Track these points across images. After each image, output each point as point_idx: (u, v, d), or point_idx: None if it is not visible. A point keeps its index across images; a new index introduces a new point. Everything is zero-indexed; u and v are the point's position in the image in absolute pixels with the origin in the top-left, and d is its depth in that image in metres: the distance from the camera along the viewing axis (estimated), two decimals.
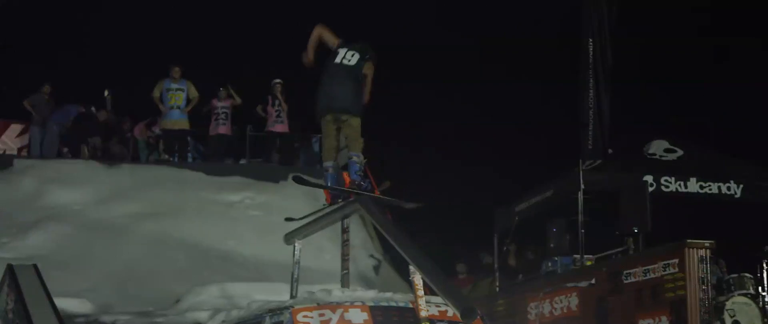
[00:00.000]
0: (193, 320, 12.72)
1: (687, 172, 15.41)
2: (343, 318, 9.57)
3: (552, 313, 13.03)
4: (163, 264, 16.50)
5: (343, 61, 10.84)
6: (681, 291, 10.84)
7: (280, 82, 21.31)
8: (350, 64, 10.87)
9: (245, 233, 17.98)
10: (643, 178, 14.96)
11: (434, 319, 9.70)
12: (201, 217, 18.24)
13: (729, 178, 15.49)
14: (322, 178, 20.44)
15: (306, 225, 11.83)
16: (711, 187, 15.38)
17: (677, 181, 15.33)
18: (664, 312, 11.02)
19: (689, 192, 15.38)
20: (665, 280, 11.07)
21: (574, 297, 12.58)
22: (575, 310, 12.55)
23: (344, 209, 11.23)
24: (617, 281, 11.84)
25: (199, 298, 13.98)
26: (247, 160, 22.10)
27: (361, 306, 9.75)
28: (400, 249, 9.59)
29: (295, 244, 11.59)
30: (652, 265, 11.31)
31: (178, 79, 20.75)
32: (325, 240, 15.90)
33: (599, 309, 12.07)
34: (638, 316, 11.39)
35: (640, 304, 11.41)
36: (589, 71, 14.91)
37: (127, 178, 19.56)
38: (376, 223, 10.81)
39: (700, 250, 10.85)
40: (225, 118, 21.26)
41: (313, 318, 9.57)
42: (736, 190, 15.45)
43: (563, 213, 15.90)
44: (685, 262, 10.83)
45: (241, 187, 19.70)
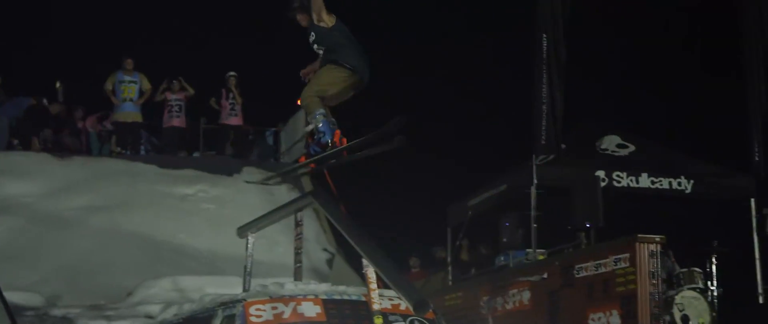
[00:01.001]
0: (145, 313, 12.66)
1: (638, 167, 15.55)
2: (296, 311, 9.56)
3: (504, 307, 13.11)
4: (115, 257, 16.39)
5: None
6: (631, 285, 10.94)
7: (234, 75, 21.24)
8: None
9: (198, 226, 17.90)
10: (596, 173, 15.08)
11: (387, 312, 9.71)
12: (153, 210, 18.13)
13: (680, 173, 15.65)
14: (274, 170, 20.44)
15: (259, 218, 11.81)
16: (662, 182, 15.53)
17: (629, 177, 15.46)
18: (614, 306, 11.11)
19: (641, 187, 15.52)
20: (616, 275, 11.17)
21: (526, 291, 12.65)
22: (527, 303, 12.63)
23: (297, 202, 11.21)
24: (569, 275, 11.92)
25: (151, 292, 13.91)
26: (201, 153, 22.01)
27: (314, 299, 9.75)
28: (353, 242, 9.59)
29: (248, 238, 11.55)
30: (603, 259, 11.40)
31: (131, 72, 20.62)
32: (278, 233, 15.86)
33: (551, 303, 12.15)
34: (589, 310, 11.49)
35: (591, 298, 11.51)
36: (542, 67, 14.99)
37: (78, 170, 19.39)
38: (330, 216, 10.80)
39: (650, 245, 10.96)
40: (178, 110, 21.16)
41: (265, 311, 9.55)
42: (687, 185, 15.60)
43: (516, 207, 15.99)
44: (635, 256, 10.93)
45: (194, 180, 19.60)
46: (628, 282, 11.01)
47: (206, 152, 21.94)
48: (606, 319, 11.23)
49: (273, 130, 22.91)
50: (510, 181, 15.92)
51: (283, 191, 19.44)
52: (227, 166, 20.40)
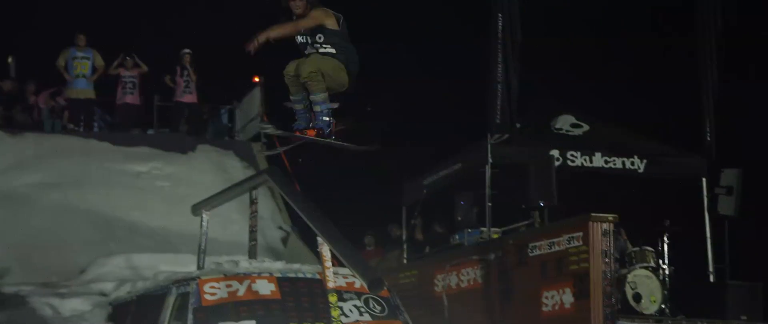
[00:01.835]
0: (98, 291, 12.58)
1: (592, 147, 15.64)
2: (251, 289, 9.56)
3: (458, 285, 13.16)
4: (68, 235, 16.27)
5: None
6: (584, 264, 11.02)
7: (188, 53, 21.10)
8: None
9: (152, 204, 17.81)
10: (550, 153, 15.15)
11: (341, 290, 9.74)
12: (107, 188, 18.01)
13: (633, 153, 15.76)
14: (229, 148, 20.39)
15: (213, 196, 11.77)
16: (615, 162, 15.63)
17: (583, 156, 15.55)
18: (567, 284, 11.20)
19: (594, 166, 15.62)
20: (569, 253, 11.25)
21: (481, 269, 12.71)
22: (481, 282, 12.69)
23: (252, 180, 11.18)
24: (523, 254, 11.99)
25: (104, 269, 13.83)
26: (155, 130, 21.87)
27: (269, 277, 9.76)
28: (308, 221, 9.59)
29: (203, 215, 11.52)
30: (557, 238, 11.47)
31: (84, 48, 20.42)
32: (232, 211, 15.83)
33: (505, 281, 12.21)
34: (543, 288, 11.56)
35: (544, 276, 11.58)
36: (498, 46, 15.01)
37: (31, 147, 19.20)
38: (285, 194, 10.80)
39: (603, 224, 11.03)
40: (132, 87, 21.00)
41: (220, 289, 9.54)
42: (640, 165, 15.72)
43: (471, 186, 16.03)
44: (588, 235, 11.00)
45: (148, 158, 19.48)
46: (581, 261, 11.08)
47: (160, 130, 21.81)
48: (559, 297, 11.31)
49: (228, 108, 22.81)
50: (465, 160, 15.97)
51: (238, 169, 19.38)
52: (181, 144, 20.29)
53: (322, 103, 9.83)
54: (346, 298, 9.85)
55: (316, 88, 9.77)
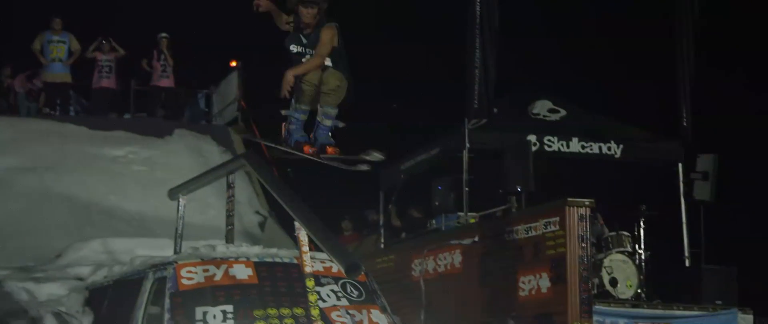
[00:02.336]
0: (75, 275, 12.52)
1: (569, 132, 15.69)
2: (228, 273, 9.55)
3: (436, 270, 13.19)
4: (44, 219, 16.20)
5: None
6: (561, 248, 11.05)
7: (166, 37, 21.03)
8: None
9: (129, 188, 17.75)
10: (527, 138, 15.19)
11: (319, 274, 9.74)
12: (83, 172, 17.94)
13: (610, 138, 15.82)
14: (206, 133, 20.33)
15: (190, 180, 11.74)
16: (592, 147, 15.69)
17: (560, 141, 15.60)
18: (544, 269, 11.23)
19: (571, 152, 15.68)
20: (546, 238, 11.28)
21: (458, 254, 12.74)
22: (458, 266, 12.72)
23: (229, 165, 11.16)
24: (500, 239, 12.02)
25: (80, 254, 13.76)
26: (132, 114, 21.79)
27: (246, 262, 9.75)
28: (285, 205, 9.58)
29: (180, 200, 11.49)
30: (533, 223, 11.51)
31: (60, 31, 20.32)
32: (210, 196, 15.79)
33: (482, 266, 12.25)
34: (519, 272, 11.60)
35: (521, 261, 11.61)
36: (476, 31, 15.02)
37: (6, 131, 19.10)
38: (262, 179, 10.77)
39: (580, 209, 11.07)
40: (109, 71, 20.91)
41: (197, 273, 9.52)
42: (617, 150, 15.79)
43: (448, 171, 16.07)
44: (565, 220, 11.04)
45: (125, 142, 19.41)
46: (558, 245, 11.12)
47: (137, 114, 21.74)
48: (535, 281, 11.35)
49: (205, 93, 22.75)
50: (442, 145, 15.99)
51: (215, 154, 19.34)
52: (158, 128, 20.22)
53: (334, 120, 9.64)
54: (324, 282, 9.85)
55: (334, 102, 9.54)
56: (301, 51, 9.30)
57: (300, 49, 9.31)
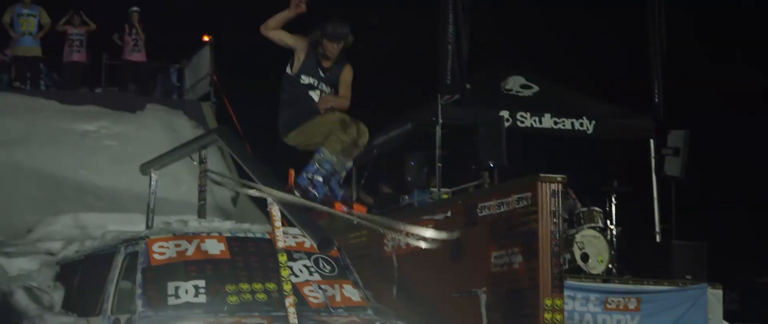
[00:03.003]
0: (46, 250, 12.49)
1: (542, 108, 15.72)
2: (200, 248, 9.54)
3: (408, 246, 13.18)
4: (15, 194, 16.13)
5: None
6: (533, 224, 11.06)
7: (137, 11, 20.92)
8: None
9: (100, 163, 17.68)
10: (500, 114, 15.21)
11: (291, 250, 9.75)
12: (54, 147, 17.85)
13: (582, 114, 15.86)
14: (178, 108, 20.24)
15: (162, 155, 11.70)
16: (564, 123, 15.73)
17: (532, 117, 15.63)
18: (516, 244, 11.24)
19: (544, 127, 15.71)
20: (518, 214, 11.29)
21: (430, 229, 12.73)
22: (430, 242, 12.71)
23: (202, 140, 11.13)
24: (472, 214, 12.02)
25: (51, 228, 13.73)
26: (103, 89, 21.68)
27: (218, 237, 9.74)
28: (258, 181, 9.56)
29: (152, 175, 11.46)
30: (506, 198, 11.51)
31: (30, 5, 20.17)
32: (182, 171, 15.74)
33: (454, 241, 12.25)
34: (492, 248, 11.61)
35: (493, 236, 11.62)
36: (448, 6, 14.99)
37: None
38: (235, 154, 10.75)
39: (552, 185, 11.08)
40: (80, 45, 20.78)
41: (168, 248, 9.51)
42: (589, 126, 15.83)
43: (421, 147, 16.06)
44: (537, 195, 11.04)
45: (96, 117, 19.32)
46: (530, 221, 11.13)
47: (108, 88, 21.62)
48: (507, 257, 11.37)
49: (177, 67, 22.64)
50: (415, 121, 15.98)
51: (187, 128, 19.27)
52: (130, 103, 20.14)
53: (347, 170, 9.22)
54: (296, 257, 9.86)
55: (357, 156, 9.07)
56: (312, 83, 8.86)
57: (311, 81, 8.85)
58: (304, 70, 8.80)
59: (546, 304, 10.83)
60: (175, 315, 8.95)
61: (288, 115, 8.96)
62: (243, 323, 8.82)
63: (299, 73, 8.80)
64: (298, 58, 8.80)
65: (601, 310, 13.79)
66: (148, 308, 9.14)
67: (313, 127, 8.92)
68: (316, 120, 8.87)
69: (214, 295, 9.24)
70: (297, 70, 8.81)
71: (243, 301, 9.29)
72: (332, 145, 8.85)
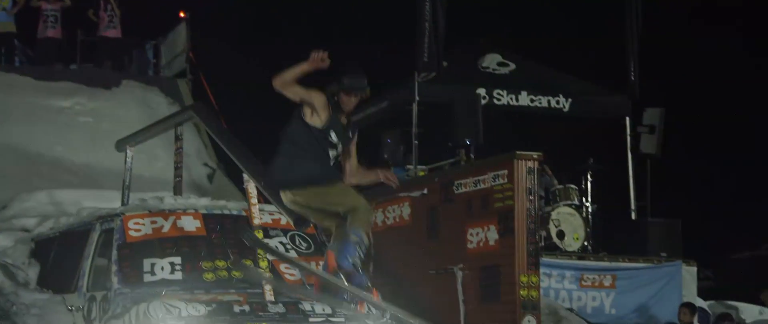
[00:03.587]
0: (20, 227, 12.42)
1: (518, 85, 15.75)
2: (176, 225, 9.52)
3: (384, 223, 13.22)
4: None
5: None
6: (509, 201, 11.11)
7: None
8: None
9: (75, 140, 17.59)
10: (476, 91, 15.22)
11: (267, 227, 9.74)
12: (29, 123, 17.73)
13: (558, 92, 15.90)
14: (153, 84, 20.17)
15: (138, 132, 11.66)
16: (541, 100, 15.77)
17: (509, 95, 15.66)
18: (492, 221, 11.29)
19: (520, 105, 15.75)
20: (494, 191, 11.33)
21: (407, 206, 12.77)
22: (407, 219, 12.76)
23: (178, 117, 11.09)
24: (449, 191, 12.06)
25: (26, 205, 13.64)
26: (78, 65, 21.53)
27: (194, 214, 9.72)
28: (234, 157, 9.55)
29: (127, 151, 11.41)
30: (482, 176, 11.55)
31: None
32: (157, 148, 15.69)
33: (430, 218, 12.30)
34: (468, 225, 11.65)
35: (470, 213, 11.67)
36: None
37: None
38: (211, 131, 10.73)
39: (528, 162, 11.13)
40: (54, 21, 20.59)
41: (144, 225, 9.49)
42: (565, 104, 15.88)
43: (398, 124, 16.07)
44: (513, 173, 11.09)
45: (71, 93, 19.19)
46: (506, 198, 11.18)
47: (83, 64, 21.47)
48: (484, 234, 11.41)
49: (152, 43, 22.51)
50: (392, 98, 15.98)
51: (163, 105, 19.19)
52: (105, 80, 20.01)
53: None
54: (272, 234, 9.85)
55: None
56: (335, 142, 7.95)
57: (336, 140, 7.94)
58: (331, 125, 7.88)
59: (522, 281, 10.89)
60: (151, 292, 8.94)
61: (300, 171, 7.84)
62: (219, 300, 8.82)
63: (327, 128, 7.86)
64: (320, 112, 7.88)
65: (576, 287, 13.87)
66: (124, 285, 9.12)
67: (331, 194, 7.88)
68: (337, 187, 7.90)
69: (191, 272, 9.23)
70: (325, 124, 7.86)
71: (219, 278, 9.29)
72: (364, 226, 7.90)
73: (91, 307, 9.47)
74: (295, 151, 7.92)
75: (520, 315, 10.81)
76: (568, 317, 12.55)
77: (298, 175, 7.83)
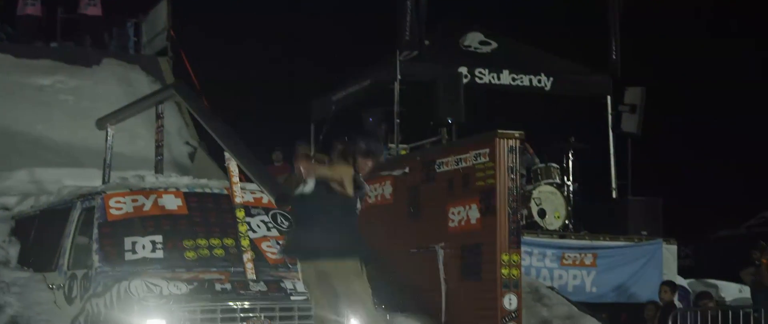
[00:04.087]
0: (1, 205, 12.39)
1: (500, 64, 15.75)
2: (157, 204, 9.51)
3: (366, 201, 13.22)
4: None
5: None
6: (491, 180, 11.12)
7: None
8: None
9: (56, 118, 17.52)
10: (458, 70, 15.21)
11: (249, 205, 9.74)
12: (9, 101, 17.65)
13: (540, 70, 15.90)
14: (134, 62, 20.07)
15: (119, 110, 11.63)
16: (523, 79, 15.77)
17: (491, 73, 15.66)
18: (474, 200, 11.30)
19: (502, 84, 15.75)
20: (476, 169, 11.33)
21: (388, 185, 12.77)
22: (389, 198, 12.76)
23: (159, 95, 11.06)
24: (430, 170, 12.06)
25: (6, 183, 13.61)
26: (58, 43, 21.43)
27: (175, 192, 9.71)
28: (215, 136, 9.54)
29: (108, 130, 11.39)
30: (464, 154, 11.55)
31: None
32: (138, 126, 15.64)
33: (412, 197, 12.30)
34: (449, 204, 11.66)
35: (451, 192, 11.67)
36: None
37: None
38: (192, 109, 10.71)
39: (509, 141, 11.12)
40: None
41: (125, 203, 9.47)
42: (547, 82, 15.89)
43: (379, 103, 16.06)
44: (495, 151, 11.09)
45: (51, 71, 19.11)
46: (488, 177, 11.18)
47: (64, 42, 21.37)
48: (465, 212, 11.42)
49: (133, 22, 22.40)
50: (374, 77, 15.96)
51: (144, 84, 19.13)
52: (86, 58, 19.93)
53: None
54: (254, 213, 9.85)
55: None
56: (358, 210, 7.79)
57: (359, 208, 7.78)
58: (358, 194, 7.65)
59: (503, 260, 10.91)
60: (132, 270, 8.93)
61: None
62: (201, 278, 8.82)
63: (356, 198, 7.64)
64: (346, 184, 7.56)
65: (557, 265, 13.92)
66: (105, 263, 9.11)
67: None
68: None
69: (172, 251, 9.22)
70: (353, 193, 7.58)
71: (200, 256, 9.29)
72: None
73: (72, 286, 9.46)
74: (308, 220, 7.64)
75: (501, 293, 10.84)
76: (549, 295, 12.59)
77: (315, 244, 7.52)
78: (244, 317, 8.72)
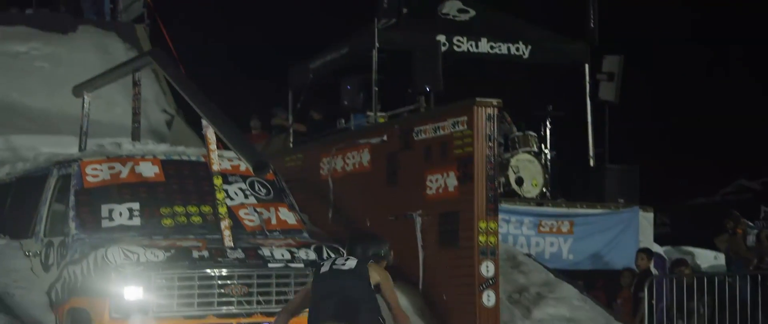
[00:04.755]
0: None
1: (479, 32, 15.72)
2: (134, 171, 9.49)
3: (344, 169, 13.23)
4: None
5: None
6: (468, 148, 11.14)
7: None
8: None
9: (32, 85, 17.40)
10: (436, 38, 15.19)
11: (226, 173, 9.73)
12: None
13: (518, 39, 15.89)
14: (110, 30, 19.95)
15: (95, 78, 11.56)
16: (501, 47, 15.75)
17: (469, 42, 15.64)
18: (452, 168, 11.32)
19: (480, 52, 15.72)
20: (454, 137, 11.35)
21: (366, 153, 12.78)
22: (367, 165, 12.77)
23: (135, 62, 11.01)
24: (408, 138, 12.07)
25: None
26: (34, 9, 21.25)
27: (153, 159, 9.69)
28: (193, 103, 9.50)
29: (85, 97, 11.33)
30: (441, 122, 11.56)
31: None
32: (116, 93, 15.56)
33: (390, 164, 12.32)
34: (427, 171, 11.68)
35: (429, 160, 11.69)
36: None
37: None
38: (170, 77, 10.65)
39: (487, 109, 11.14)
40: None
41: (102, 171, 9.45)
42: (525, 50, 15.87)
43: (358, 71, 16.02)
44: (473, 119, 11.10)
45: (27, 38, 18.96)
46: (466, 145, 11.20)
47: (39, 9, 21.19)
48: (443, 180, 11.45)
49: None
50: (352, 45, 15.91)
51: (120, 51, 19.01)
52: (62, 24, 19.76)
53: None
54: (231, 181, 9.85)
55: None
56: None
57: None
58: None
59: (480, 227, 10.95)
60: (109, 237, 8.92)
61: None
62: (178, 246, 8.81)
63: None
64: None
65: (534, 233, 13.98)
66: (82, 230, 9.09)
67: None
68: None
69: (149, 218, 9.21)
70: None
71: (178, 223, 9.28)
72: None
73: (49, 253, 9.45)
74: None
75: (478, 260, 10.88)
76: (526, 262, 12.65)
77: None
78: (222, 284, 8.74)
